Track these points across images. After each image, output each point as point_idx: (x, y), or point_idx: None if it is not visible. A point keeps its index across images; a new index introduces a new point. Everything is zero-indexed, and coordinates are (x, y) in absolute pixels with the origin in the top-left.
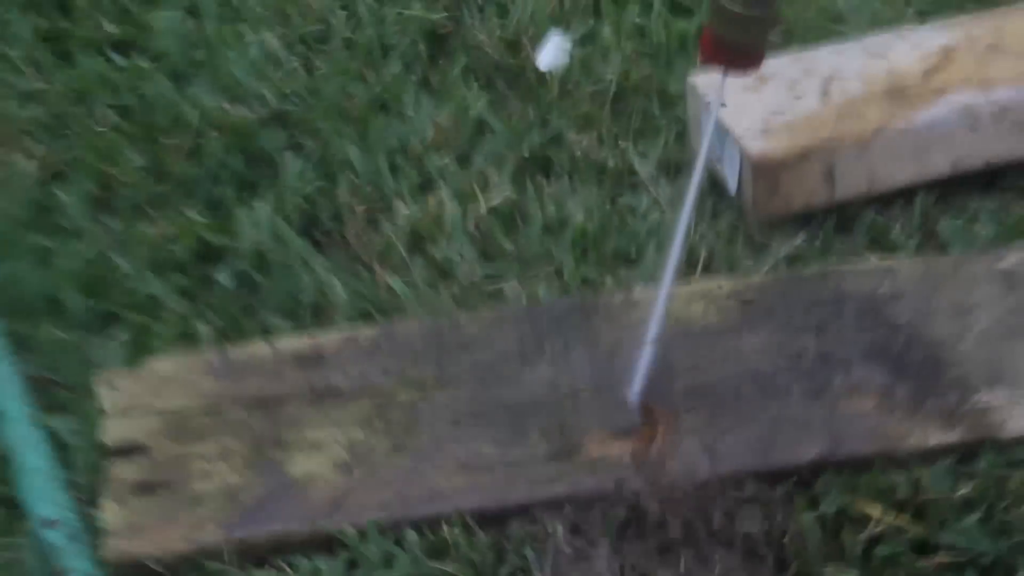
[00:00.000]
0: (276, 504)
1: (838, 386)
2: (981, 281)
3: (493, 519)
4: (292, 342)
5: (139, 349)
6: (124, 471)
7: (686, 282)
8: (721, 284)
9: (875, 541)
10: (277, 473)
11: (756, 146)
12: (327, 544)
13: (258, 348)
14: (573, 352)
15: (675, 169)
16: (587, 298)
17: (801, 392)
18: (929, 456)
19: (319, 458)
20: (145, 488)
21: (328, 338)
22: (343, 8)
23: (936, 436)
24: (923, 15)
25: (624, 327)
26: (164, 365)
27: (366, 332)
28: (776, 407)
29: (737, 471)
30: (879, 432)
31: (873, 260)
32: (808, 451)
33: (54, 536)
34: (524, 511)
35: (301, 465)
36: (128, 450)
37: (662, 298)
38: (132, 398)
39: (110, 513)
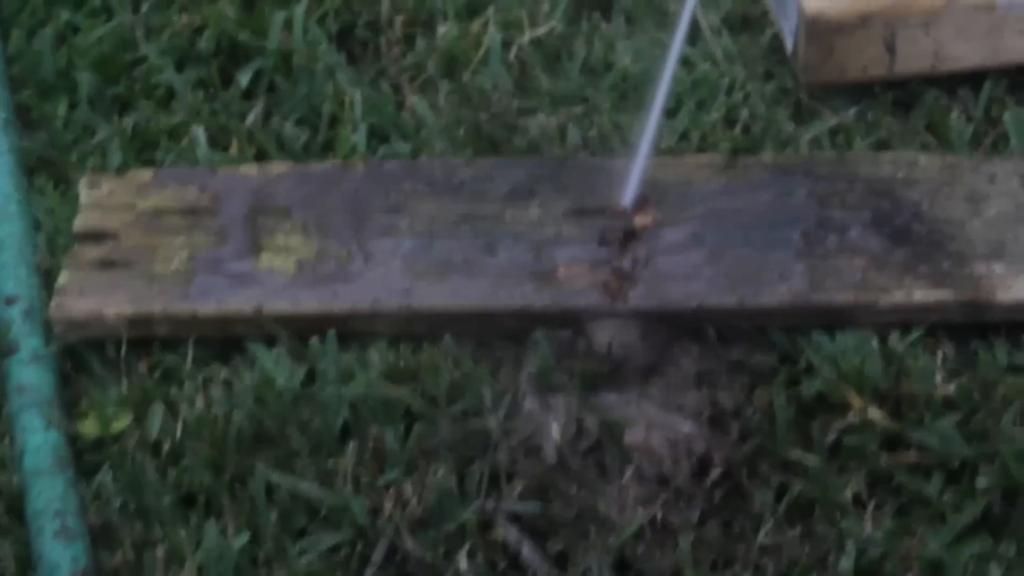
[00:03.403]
0: (234, 287)
1: (831, 245)
2: (1002, 176)
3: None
4: (282, 166)
5: (145, 140)
6: (87, 251)
7: (699, 149)
8: (733, 156)
9: (845, 431)
10: (241, 263)
11: (814, 4)
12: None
13: (248, 168)
14: (563, 200)
15: (741, 23)
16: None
17: (790, 248)
18: (915, 313)
19: (285, 258)
20: (105, 264)
21: (323, 166)
22: None
23: (922, 293)
24: None
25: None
26: (150, 173)
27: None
28: (760, 256)
29: (703, 306)
30: (863, 284)
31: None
32: (783, 293)
33: (12, 312)
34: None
35: (267, 261)
36: (96, 236)
37: (657, 106)
38: (111, 196)
39: (63, 280)
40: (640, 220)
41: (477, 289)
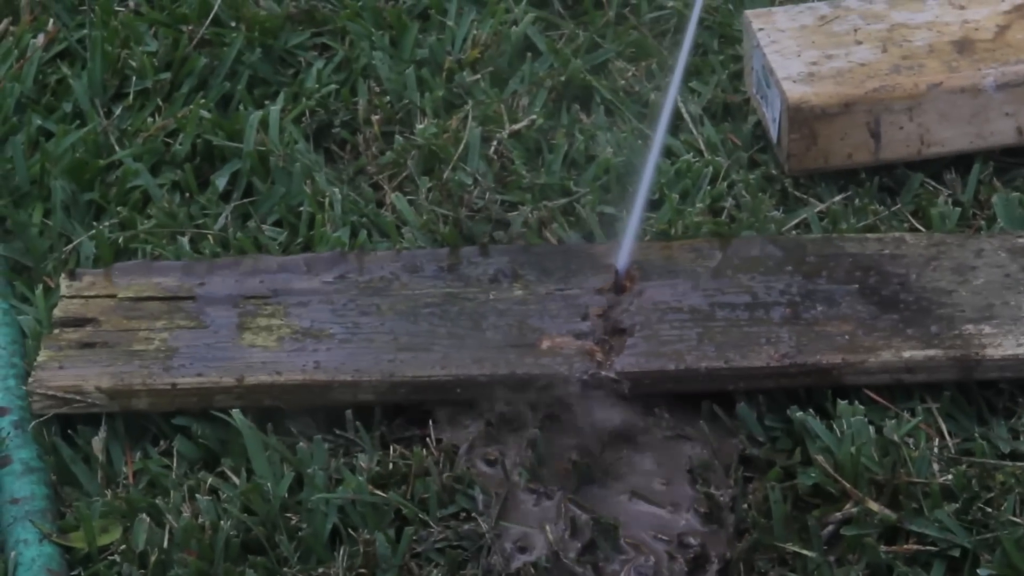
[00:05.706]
0: (214, 360)
1: (818, 313)
2: (989, 251)
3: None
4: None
5: (121, 244)
6: (67, 334)
7: (688, 238)
8: (716, 240)
9: (843, 523)
10: (222, 340)
11: (796, 91)
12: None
13: (228, 258)
14: (547, 281)
15: (723, 112)
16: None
17: (778, 316)
18: (905, 373)
19: (267, 336)
20: (85, 345)
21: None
22: None
23: (911, 351)
24: None
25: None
26: (132, 265)
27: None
28: (747, 324)
29: (691, 368)
30: (851, 345)
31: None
32: (771, 355)
33: (2, 423)
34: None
35: (248, 339)
36: (76, 322)
37: (649, 169)
38: (92, 287)
39: (43, 357)
40: (625, 294)
41: (461, 359)
